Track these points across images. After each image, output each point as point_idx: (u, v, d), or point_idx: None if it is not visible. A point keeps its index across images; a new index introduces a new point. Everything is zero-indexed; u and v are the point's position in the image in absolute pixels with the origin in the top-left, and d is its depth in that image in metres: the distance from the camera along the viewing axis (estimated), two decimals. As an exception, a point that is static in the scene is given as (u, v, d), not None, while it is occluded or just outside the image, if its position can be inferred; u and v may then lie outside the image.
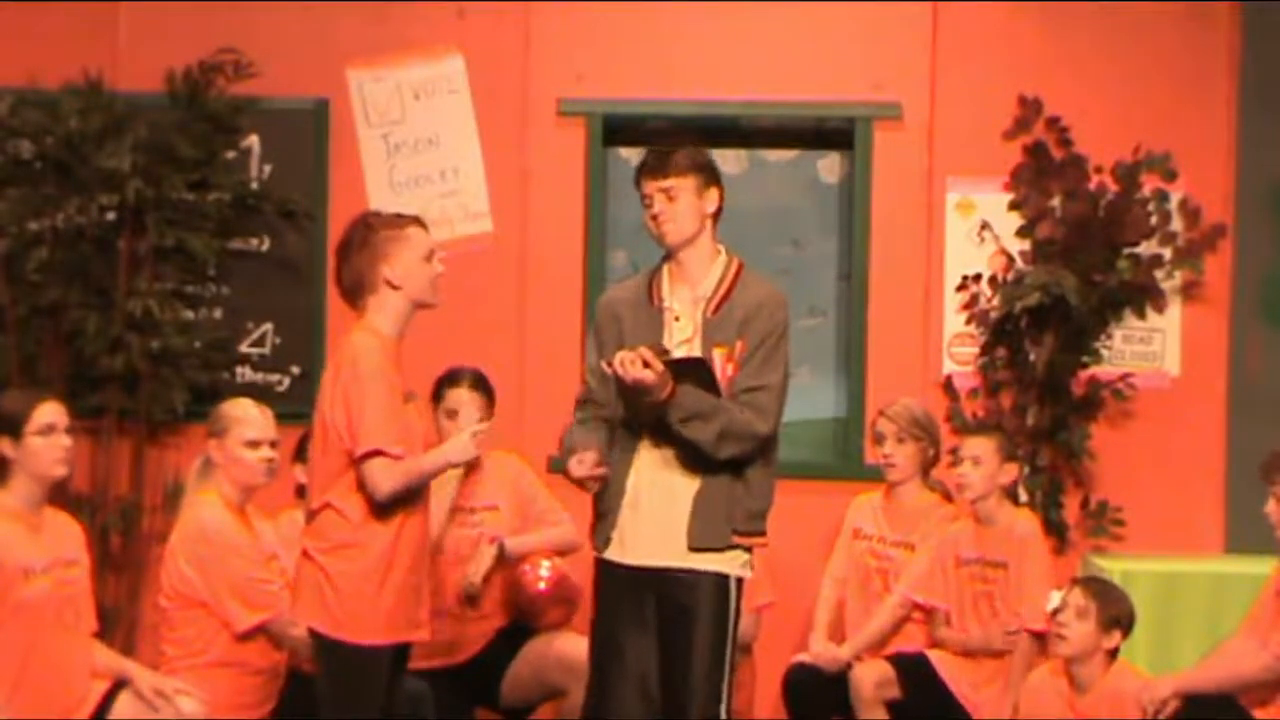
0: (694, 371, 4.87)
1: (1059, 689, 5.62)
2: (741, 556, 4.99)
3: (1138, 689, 5.51)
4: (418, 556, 4.85)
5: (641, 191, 5.06)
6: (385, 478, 4.71)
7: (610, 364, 4.85)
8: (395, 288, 4.81)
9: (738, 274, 5.04)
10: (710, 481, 4.94)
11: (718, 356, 4.95)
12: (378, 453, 4.70)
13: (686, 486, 4.95)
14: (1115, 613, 5.56)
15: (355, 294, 4.86)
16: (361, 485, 4.74)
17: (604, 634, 5.03)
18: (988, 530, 6.09)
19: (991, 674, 6.05)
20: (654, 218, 5.02)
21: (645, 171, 5.06)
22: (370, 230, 4.84)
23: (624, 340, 4.99)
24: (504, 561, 6.07)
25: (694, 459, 4.92)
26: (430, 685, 5.72)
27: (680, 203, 5.00)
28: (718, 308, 5.00)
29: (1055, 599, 5.67)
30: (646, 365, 4.79)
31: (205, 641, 5.43)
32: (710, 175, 5.05)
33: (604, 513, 5.02)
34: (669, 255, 5.08)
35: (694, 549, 4.93)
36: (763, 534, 5.04)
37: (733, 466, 4.94)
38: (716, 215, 5.07)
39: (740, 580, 4.99)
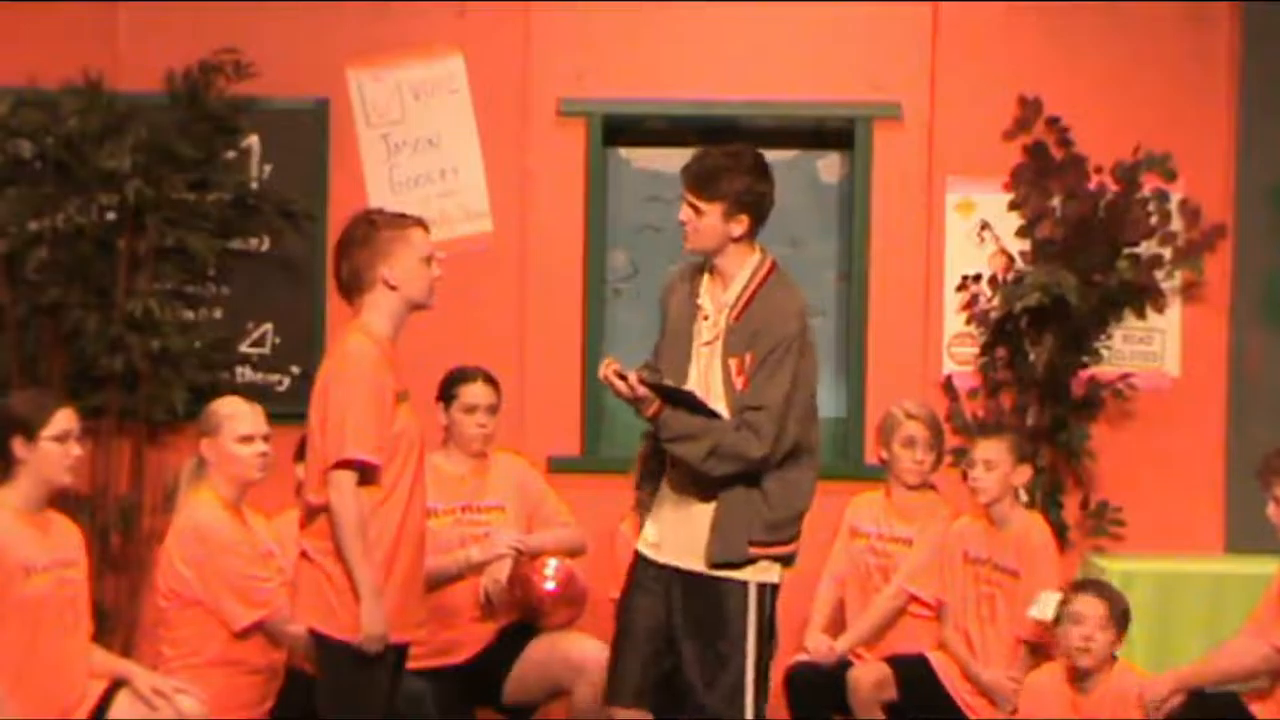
0: (684, 399, 4.86)
1: (1060, 690, 5.62)
2: (762, 564, 4.95)
3: (1139, 688, 5.51)
4: (417, 556, 4.84)
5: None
6: (343, 498, 4.65)
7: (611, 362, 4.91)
8: (392, 288, 4.78)
9: (764, 279, 4.96)
10: (728, 496, 4.90)
11: (732, 366, 4.91)
12: (348, 463, 4.66)
13: (705, 499, 4.93)
14: (1123, 614, 5.58)
15: (352, 291, 4.83)
16: (353, 484, 4.70)
17: (623, 613, 5.06)
18: (1000, 533, 6.06)
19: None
20: (681, 222, 4.99)
21: (682, 177, 4.98)
22: (372, 228, 4.81)
23: (667, 322, 5.04)
24: (515, 561, 6.05)
25: (700, 475, 4.91)
26: (430, 685, 5.71)
27: (704, 221, 4.93)
28: (739, 315, 4.93)
29: (1051, 604, 5.65)
30: (624, 379, 4.82)
31: (203, 641, 5.43)
32: (744, 202, 4.90)
33: (644, 498, 5.06)
34: None
35: (712, 565, 4.92)
36: (784, 543, 4.97)
37: (747, 479, 4.89)
38: (749, 233, 4.96)
39: (765, 586, 4.94)
